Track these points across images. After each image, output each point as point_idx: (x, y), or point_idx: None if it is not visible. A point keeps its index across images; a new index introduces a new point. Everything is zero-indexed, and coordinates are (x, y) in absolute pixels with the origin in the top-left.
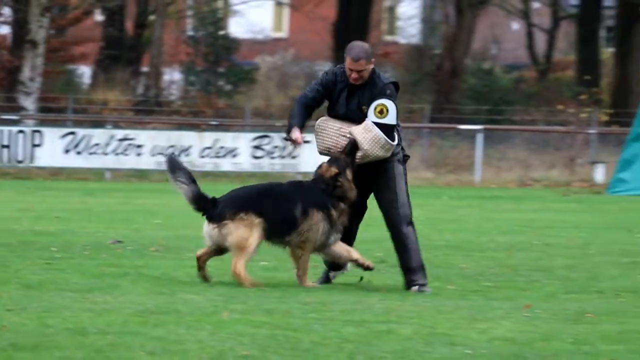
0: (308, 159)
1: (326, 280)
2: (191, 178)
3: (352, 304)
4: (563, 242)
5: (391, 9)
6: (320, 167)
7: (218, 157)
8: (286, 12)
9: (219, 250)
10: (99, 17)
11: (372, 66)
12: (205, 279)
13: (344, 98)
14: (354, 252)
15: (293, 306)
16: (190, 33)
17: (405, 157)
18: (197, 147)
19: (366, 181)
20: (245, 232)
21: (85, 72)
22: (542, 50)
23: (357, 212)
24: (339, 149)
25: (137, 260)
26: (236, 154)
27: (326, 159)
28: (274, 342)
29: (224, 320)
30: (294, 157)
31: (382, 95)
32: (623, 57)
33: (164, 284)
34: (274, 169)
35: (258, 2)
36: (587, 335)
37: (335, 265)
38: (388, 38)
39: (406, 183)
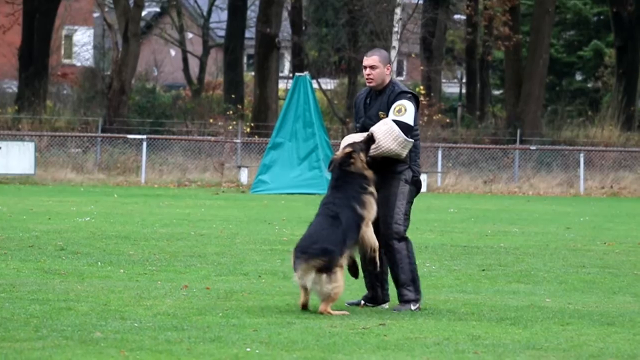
0: (7, 162)
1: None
2: None
3: (37, 285)
4: (214, 232)
5: (68, 37)
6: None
7: None
8: None
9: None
10: None
11: (388, 72)
12: None
13: (363, 106)
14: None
15: None
16: None
17: (415, 179)
18: None
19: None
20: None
21: None
22: (195, 73)
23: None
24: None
25: None
26: None
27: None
28: None
29: None
30: None
31: (402, 97)
32: (262, 80)
33: None
34: None
35: None
36: (235, 310)
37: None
38: (66, 61)
39: (409, 203)
